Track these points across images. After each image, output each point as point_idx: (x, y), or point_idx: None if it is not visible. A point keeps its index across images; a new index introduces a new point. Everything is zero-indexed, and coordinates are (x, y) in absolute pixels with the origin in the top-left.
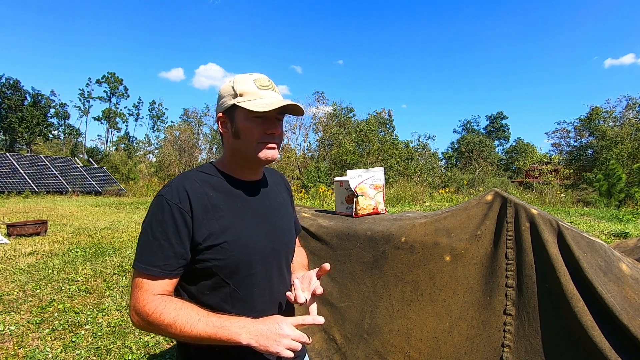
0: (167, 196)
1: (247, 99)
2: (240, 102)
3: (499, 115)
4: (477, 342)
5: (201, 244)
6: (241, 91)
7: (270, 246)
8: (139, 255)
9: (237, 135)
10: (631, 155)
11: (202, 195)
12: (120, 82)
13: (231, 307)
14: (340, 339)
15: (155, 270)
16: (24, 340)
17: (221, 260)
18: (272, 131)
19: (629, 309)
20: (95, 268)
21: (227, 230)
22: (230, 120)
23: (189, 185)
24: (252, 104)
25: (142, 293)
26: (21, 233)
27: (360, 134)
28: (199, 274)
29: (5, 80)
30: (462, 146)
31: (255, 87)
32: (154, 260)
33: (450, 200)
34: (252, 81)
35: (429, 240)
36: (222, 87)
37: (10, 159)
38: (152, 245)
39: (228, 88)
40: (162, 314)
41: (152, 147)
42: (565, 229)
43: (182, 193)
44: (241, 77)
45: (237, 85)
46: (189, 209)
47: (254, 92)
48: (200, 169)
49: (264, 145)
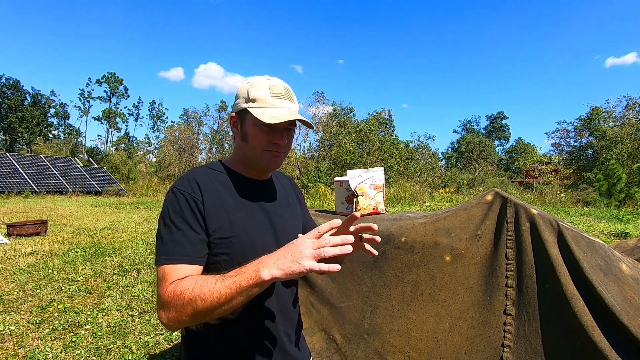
0: (180, 187)
1: (258, 106)
2: (251, 108)
3: (499, 115)
4: (477, 342)
5: (210, 236)
6: (254, 97)
7: (276, 244)
8: (163, 250)
9: (245, 139)
10: (631, 155)
11: (212, 190)
12: (121, 82)
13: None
14: (340, 339)
15: (184, 259)
16: (24, 340)
17: (229, 255)
18: (278, 141)
19: (629, 309)
20: (95, 268)
21: (235, 225)
22: (240, 123)
23: (200, 179)
24: (261, 112)
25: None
26: (21, 233)
27: (360, 134)
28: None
29: (5, 80)
30: (462, 146)
31: (268, 95)
32: (180, 250)
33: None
34: (267, 88)
35: (429, 240)
36: (240, 87)
37: (10, 159)
38: (175, 236)
39: (244, 90)
40: (181, 293)
41: (152, 147)
42: (565, 229)
43: (194, 184)
44: (258, 81)
45: (252, 90)
46: (201, 199)
47: (267, 99)
48: (209, 166)
49: (269, 153)
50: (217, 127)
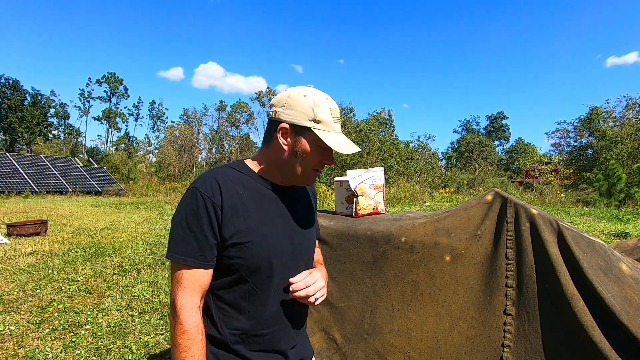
0: (202, 189)
1: (323, 129)
2: (317, 129)
3: (499, 115)
4: (477, 342)
5: (227, 240)
6: (320, 119)
7: (292, 249)
8: (175, 246)
9: (296, 155)
10: (631, 155)
11: (232, 193)
12: (120, 82)
13: (247, 304)
14: (340, 339)
15: (192, 261)
16: (24, 340)
17: (244, 259)
18: (328, 163)
19: (629, 309)
20: (95, 268)
21: (253, 229)
22: (294, 137)
23: (222, 181)
24: (328, 137)
25: (182, 291)
26: (21, 233)
27: (360, 134)
28: (221, 269)
29: (5, 80)
30: (462, 146)
31: (331, 118)
32: (190, 252)
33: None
34: (329, 110)
35: (429, 240)
36: (294, 96)
37: (10, 159)
38: (188, 237)
39: (305, 106)
40: (183, 333)
41: (152, 147)
42: (565, 229)
43: (215, 187)
44: (318, 99)
45: (318, 110)
46: (220, 204)
47: (330, 123)
48: (232, 166)
49: (314, 172)
50: (217, 127)
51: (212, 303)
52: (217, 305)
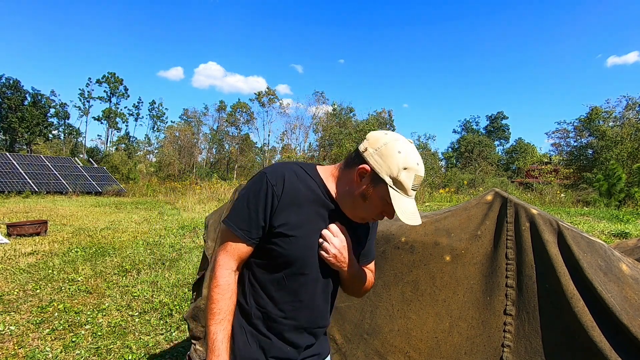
0: (269, 175)
1: (398, 191)
2: (392, 190)
3: (499, 115)
4: (477, 342)
5: (275, 228)
6: (402, 180)
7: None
8: (232, 215)
9: (365, 198)
10: (631, 155)
11: (294, 188)
12: (120, 82)
13: (275, 290)
14: (340, 339)
15: (239, 233)
16: (24, 340)
17: (284, 250)
18: (388, 217)
19: (629, 309)
20: (95, 268)
21: (300, 226)
22: (370, 182)
23: (288, 175)
24: (400, 202)
25: (224, 253)
26: (21, 233)
27: (361, 133)
28: (263, 251)
29: (5, 80)
30: (462, 146)
31: (410, 185)
32: (241, 224)
33: (450, 200)
34: (413, 176)
35: (429, 240)
36: (390, 147)
37: (10, 159)
38: (243, 211)
39: (394, 163)
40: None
41: (152, 147)
42: (565, 229)
43: (280, 178)
44: (411, 163)
45: (403, 174)
46: (279, 194)
47: (407, 189)
48: (302, 166)
49: (372, 219)
50: (217, 127)
51: (247, 276)
52: (250, 280)
